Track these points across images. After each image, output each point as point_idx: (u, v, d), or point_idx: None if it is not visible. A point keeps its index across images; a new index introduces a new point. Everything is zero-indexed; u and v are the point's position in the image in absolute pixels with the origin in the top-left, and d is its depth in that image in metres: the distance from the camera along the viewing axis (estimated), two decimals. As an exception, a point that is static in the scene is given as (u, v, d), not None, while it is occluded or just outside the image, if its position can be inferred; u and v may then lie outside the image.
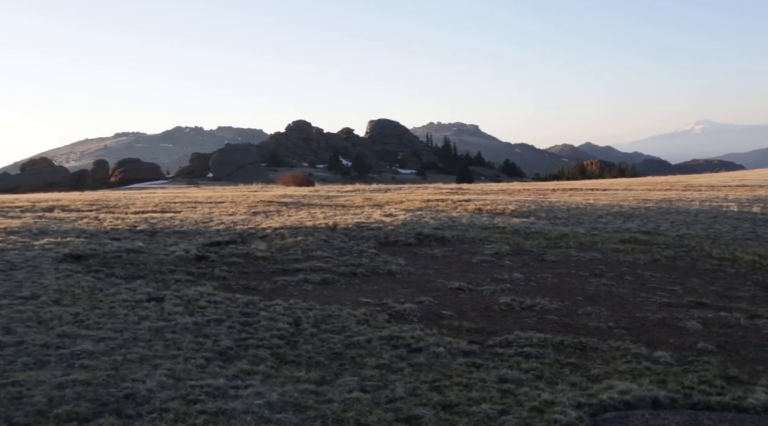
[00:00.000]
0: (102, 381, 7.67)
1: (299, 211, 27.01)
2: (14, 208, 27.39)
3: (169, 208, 28.36)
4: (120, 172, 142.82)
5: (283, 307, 11.91)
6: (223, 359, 8.88)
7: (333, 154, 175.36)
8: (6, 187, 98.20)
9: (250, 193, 39.60)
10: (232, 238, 19.66)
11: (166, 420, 6.59)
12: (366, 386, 7.88)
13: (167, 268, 15.30)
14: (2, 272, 13.81)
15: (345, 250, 18.00)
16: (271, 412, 6.87)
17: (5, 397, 7.06)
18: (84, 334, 9.69)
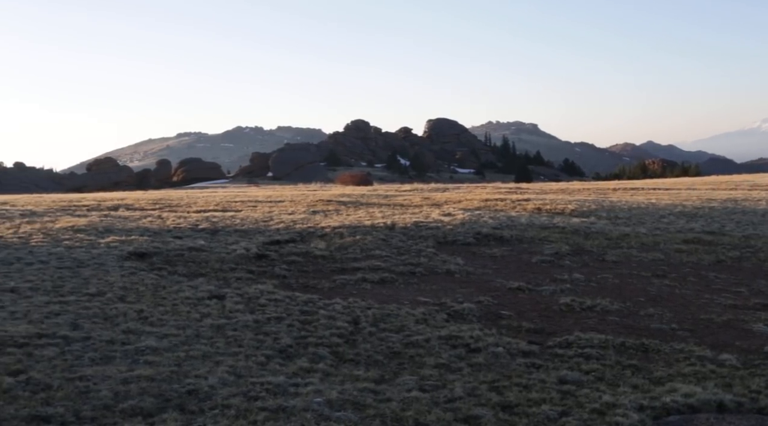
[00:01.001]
0: (165, 377, 7.80)
1: (358, 210, 27.11)
2: (81, 206, 28.06)
3: (230, 207, 28.72)
4: (182, 172, 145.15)
5: (342, 306, 11.98)
6: (283, 357, 8.96)
7: (391, 154, 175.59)
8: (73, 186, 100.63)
9: (309, 193, 39.89)
10: (292, 236, 19.83)
11: (228, 416, 6.67)
12: (425, 385, 7.88)
13: (228, 266, 15.50)
14: (70, 269, 14.16)
15: (403, 250, 18.01)
16: (331, 410, 6.91)
17: (73, 391, 7.23)
18: (148, 330, 9.88)
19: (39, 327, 9.69)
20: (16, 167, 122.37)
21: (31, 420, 6.44)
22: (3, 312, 10.51)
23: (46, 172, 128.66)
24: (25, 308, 10.82)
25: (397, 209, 27.70)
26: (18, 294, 11.87)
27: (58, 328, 9.74)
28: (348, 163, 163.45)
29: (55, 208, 27.18)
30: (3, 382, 7.36)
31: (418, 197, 34.31)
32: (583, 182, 78.63)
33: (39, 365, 8.07)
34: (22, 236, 18.40)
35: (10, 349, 8.62)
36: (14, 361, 8.16)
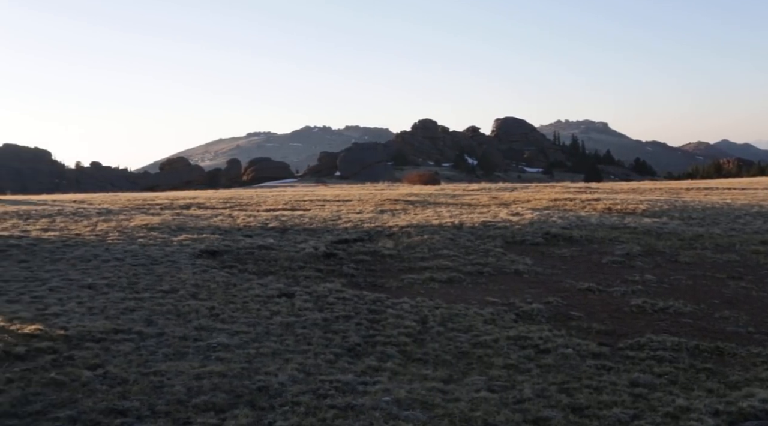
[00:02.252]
0: (237, 373, 7.94)
1: (425, 209, 27.10)
2: (154, 205, 28.70)
3: (299, 206, 29.01)
4: (251, 171, 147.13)
5: (410, 305, 12.00)
6: (351, 355, 9.03)
7: (458, 153, 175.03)
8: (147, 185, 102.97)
9: (377, 192, 40.00)
10: (360, 235, 19.93)
11: (298, 413, 6.75)
12: (493, 386, 7.85)
13: (297, 264, 15.66)
14: (144, 267, 14.50)
15: (471, 249, 17.95)
16: (399, 408, 6.93)
17: (148, 385, 7.41)
18: (219, 327, 10.06)
19: (115, 322, 9.95)
20: (93, 167, 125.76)
21: (109, 413, 6.62)
22: (81, 307, 10.83)
23: (121, 171, 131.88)
24: (102, 304, 11.13)
25: (465, 209, 27.60)
26: (95, 290, 12.21)
27: (134, 323, 9.99)
28: (415, 162, 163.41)
29: (129, 206, 27.85)
30: (82, 375, 7.59)
31: (486, 197, 34.13)
32: (655, 182, 77.13)
33: (115, 360, 8.30)
34: (99, 234, 18.91)
35: (88, 343, 8.88)
36: (92, 355, 8.40)
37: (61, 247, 16.75)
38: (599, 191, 40.80)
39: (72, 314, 10.35)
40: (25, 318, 9.82)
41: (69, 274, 13.48)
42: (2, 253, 15.67)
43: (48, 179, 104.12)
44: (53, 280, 12.85)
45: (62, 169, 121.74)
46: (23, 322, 9.57)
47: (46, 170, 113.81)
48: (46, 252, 15.98)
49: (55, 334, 9.11)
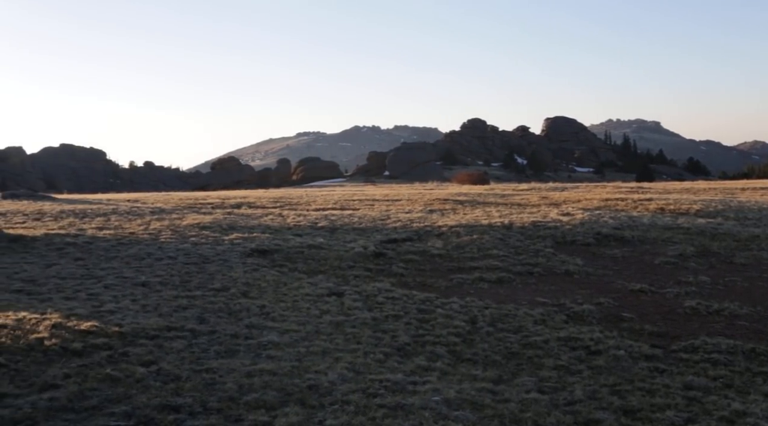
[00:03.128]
0: (287, 371, 8.00)
1: (474, 209, 27.00)
2: (206, 204, 29.07)
3: (348, 205, 29.13)
4: (301, 171, 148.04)
5: (460, 305, 11.97)
6: (401, 355, 9.03)
7: (508, 153, 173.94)
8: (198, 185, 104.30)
9: (426, 191, 39.98)
10: (409, 235, 19.93)
11: (347, 412, 6.78)
12: (544, 387, 7.79)
13: (346, 264, 15.73)
14: (196, 265, 14.70)
15: (521, 249, 17.84)
16: (449, 408, 6.92)
17: (200, 382, 7.51)
18: (270, 325, 10.15)
19: (168, 320, 10.10)
20: (146, 166, 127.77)
21: (162, 409, 6.73)
22: (135, 305, 11.01)
23: (173, 170, 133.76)
24: (156, 302, 11.31)
25: (515, 208, 27.44)
26: (149, 288, 12.41)
27: (186, 321, 10.13)
28: (464, 162, 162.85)
29: (182, 205, 28.26)
30: (136, 372, 7.72)
31: (536, 196, 33.88)
32: (709, 181, 75.70)
33: (169, 357, 8.42)
34: (152, 233, 19.22)
35: (142, 340, 9.02)
36: (146, 352, 8.54)
37: (116, 245, 17.06)
38: (651, 191, 40.23)
39: (126, 311, 10.54)
40: (82, 315, 10.02)
41: (123, 272, 13.72)
42: (60, 251, 16.03)
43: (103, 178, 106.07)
44: (108, 278, 13.10)
45: (116, 168, 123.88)
46: (80, 318, 9.76)
47: (101, 169, 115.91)
48: (102, 250, 16.29)
49: (111, 331, 9.28)
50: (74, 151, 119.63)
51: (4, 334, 8.79)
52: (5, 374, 7.52)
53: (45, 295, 11.56)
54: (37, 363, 7.98)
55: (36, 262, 14.61)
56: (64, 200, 32.08)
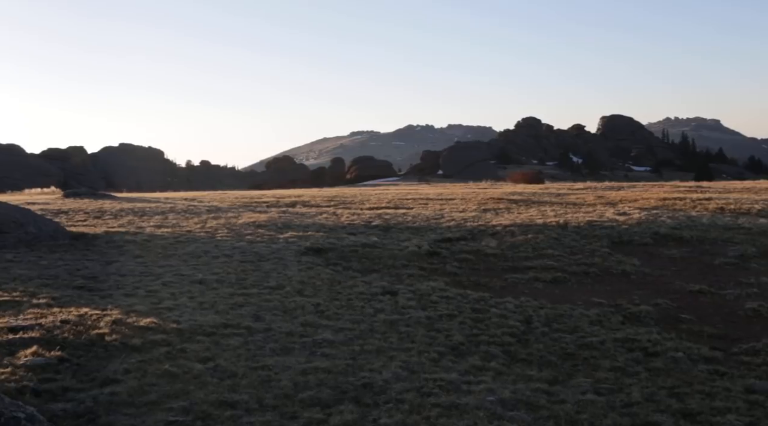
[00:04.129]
0: (341, 369, 8.04)
1: (529, 208, 26.81)
2: (261, 203, 29.38)
3: (402, 204, 29.15)
4: (355, 170, 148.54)
5: (514, 305, 11.91)
6: (455, 354, 9.02)
7: (563, 151, 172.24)
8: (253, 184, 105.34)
9: (480, 190, 39.82)
10: (463, 234, 19.87)
11: (402, 411, 6.79)
12: (600, 389, 7.71)
13: (400, 262, 15.74)
14: (251, 263, 14.86)
15: (576, 249, 17.66)
16: (504, 409, 6.89)
17: (256, 379, 7.59)
18: (324, 324, 10.22)
19: (225, 317, 10.24)
20: (203, 165, 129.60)
21: (219, 405, 6.82)
22: (192, 302, 11.18)
23: (229, 169, 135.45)
24: (212, 299, 11.46)
25: (570, 208, 27.16)
26: (205, 285, 12.58)
27: (242, 319, 10.25)
28: (519, 161, 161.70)
29: (237, 204, 28.60)
30: (194, 368, 7.84)
31: (592, 196, 33.49)
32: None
33: (225, 354, 8.53)
34: (208, 231, 19.49)
35: (200, 337, 9.16)
36: (203, 348, 8.67)
37: (173, 243, 17.34)
38: (711, 190, 39.42)
39: (184, 308, 10.70)
40: (141, 311, 10.21)
41: (181, 270, 13.94)
42: (119, 249, 16.35)
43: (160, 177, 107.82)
44: (166, 275, 13.31)
45: (174, 167, 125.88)
46: (139, 315, 9.95)
47: (159, 168, 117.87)
48: (160, 248, 16.57)
49: (169, 328, 9.43)
50: (133, 151, 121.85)
51: (67, 330, 9.01)
52: (68, 368, 7.70)
53: (105, 291, 11.81)
54: (99, 358, 8.16)
55: (97, 259, 14.93)
56: (123, 198, 32.72)
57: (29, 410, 5.13)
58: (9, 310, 10.04)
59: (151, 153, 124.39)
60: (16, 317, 9.57)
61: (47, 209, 23.96)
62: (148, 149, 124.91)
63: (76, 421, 6.37)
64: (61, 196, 33.65)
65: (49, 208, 24.48)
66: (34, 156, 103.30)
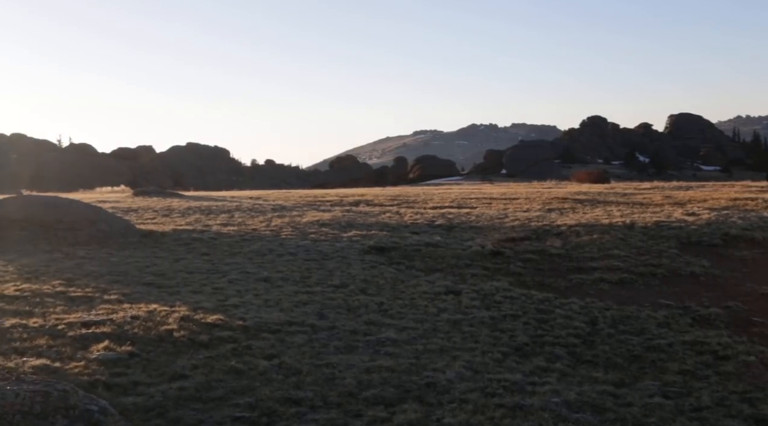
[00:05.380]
0: (405, 369, 8.06)
1: (594, 208, 26.45)
2: (325, 202, 29.59)
3: (465, 203, 29.03)
4: (418, 169, 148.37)
5: (579, 306, 11.78)
6: (519, 355, 8.96)
7: (629, 151, 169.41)
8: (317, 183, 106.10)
9: (544, 190, 39.42)
10: (527, 234, 19.70)
11: (466, 411, 6.78)
12: (668, 392, 7.58)
13: (464, 262, 15.69)
14: (315, 261, 14.98)
15: (643, 250, 17.36)
16: (569, 411, 6.82)
17: (320, 377, 7.66)
18: (388, 322, 10.25)
19: (289, 315, 10.35)
20: (267, 164, 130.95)
21: (284, 402, 6.90)
22: (258, 299, 11.32)
23: (293, 168, 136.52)
24: (277, 297, 11.59)
25: (637, 208, 26.70)
26: (270, 283, 12.73)
27: (306, 316, 10.35)
28: (584, 160, 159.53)
29: (302, 203, 28.85)
30: (259, 365, 7.95)
31: (659, 195, 32.87)
32: None
33: (290, 351, 8.62)
34: (273, 229, 19.72)
35: (265, 334, 9.27)
36: (268, 346, 8.77)
37: (239, 241, 17.59)
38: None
39: (249, 306, 10.84)
40: (208, 308, 10.38)
41: (246, 267, 14.13)
42: (187, 246, 16.65)
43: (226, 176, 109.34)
44: (232, 273, 13.51)
45: (239, 166, 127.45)
46: (206, 312, 10.12)
47: (225, 167, 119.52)
48: (226, 246, 16.82)
49: (235, 325, 9.57)
50: (199, 150, 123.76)
51: (137, 325, 9.21)
52: (138, 363, 7.88)
53: (174, 288, 12.03)
54: (167, 353, 8.33)
55: (165, 257, 15.22)
56: (190, 197, 33.30)
57: (102, 403, 5.25)
58: (82, 305, 10.32)
59: (217, 152, 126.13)
60: (89, 312, 9.84)
61: (118, 207, 24.53)
62: (214, 148, 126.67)
63: (145, 414, 6.51)
64: (131, 195, 34.42)
65: (119, 207, 25.05)
66: (105, 155, 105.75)
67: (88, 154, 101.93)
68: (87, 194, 39.28)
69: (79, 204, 19.43)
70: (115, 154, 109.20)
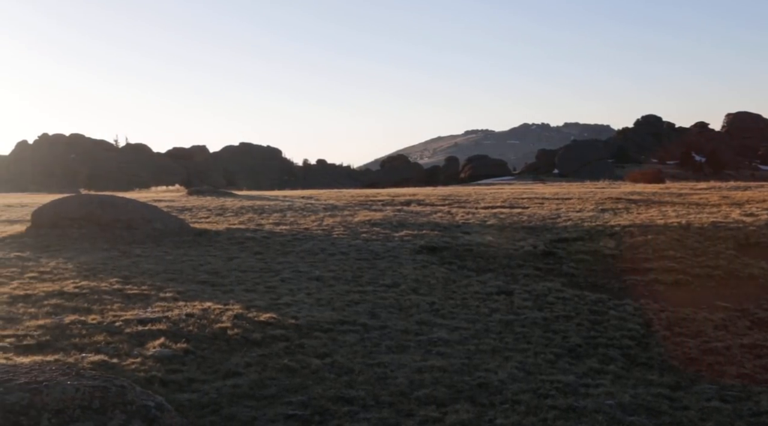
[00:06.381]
0: (457, 369, 8.04)
1: (649, 208, 26.05)
2: (376, 201, 29.65)
3: (517, 203, 28.84)
4: (469, 169, 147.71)
5: (633, 307, 11.63)
6: (572, 356, 8.88)
7: (684, 150, 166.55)
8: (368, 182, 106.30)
9: (597, 190, 38.97)
10: (580, 234, 19.51)
11: (518, 412, 6.74)
12: (726, 396, 7.44)
13: (515, 262, 15.60)
14: (367, 261, 15.02)
15: (699, 251, 17.05)
16: (623, 413, 6.74)
17: (372, 376, 7.69)
18: (439, 322, 10.24)
19: (341, 314, 10.41)
20: (319, 164, 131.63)
21: (337, 400, 6.94)
22: (310, 298, 11.41)
23: (344, 168, 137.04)
24: (329, 296, 11.66)
25: (693, 208, 26.23)
26: (322, 282, 12.81)
27: (358, 316, 10.40)
28: (638, 159, 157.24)
29: (353, 202, 28.94)
30: (311, 363, 8.01)
31: (716, 196, 32.26)
32: None
33: (342, 350, 8.67)
34: (325, 228, 19.82)
35: (317, 333, 9.34)
36: (321, 344, 8.84)
37: (291, 240, 17.72)
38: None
39: (302, 304, 10.93)
40: (260, 306, 10.49)
41: (298, 266, 14.24)
42: (240, 245, 16.84)
43: (278, 176, 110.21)
44: (284, 272, 13.63)
45: (291, 166, 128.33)
46: (259, 310, 10.23)
47: (277, 167, 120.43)
48: (278, 245, 16.97)
49: (287, 323, 9.66)
50: (252, 150, 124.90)
51: (192, 323, 9.35)
52: (193, 360, 8.00)
53: (227, 286, 12.18)
54: (221, 351, 8.44)
55: (219, 255, 15.42)
56: (243, 196, 33.63)
57: (158, 399, 5.35)
58: (138, 303, 10.52)
59: (270, 152, 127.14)
60: (145, 310, 10.02)
61: (172, 206, 24.90)
62: (266, 148, 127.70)
63: (200, 411, 6.61)
64: (185, 194, 34.90)
65: (174, 206, 25.43)
66: (160, 155, 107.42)
67: (144, 154, 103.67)
68: (142, 193, 39.99)
69: (135, 203, 19.78)
70: (169, 153, 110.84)
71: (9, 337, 8.47)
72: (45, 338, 8.52)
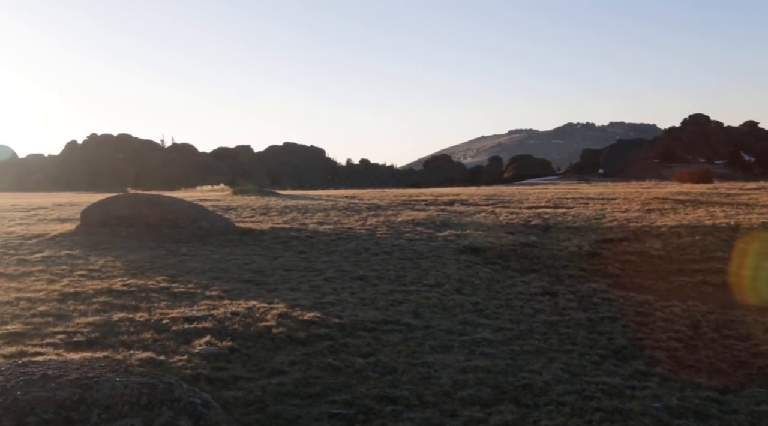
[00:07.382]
0: (501, 369, 8.01)
1: (696, 209, 25.68)
2: (419, 201, 29.63)
3: (561, 203, 28.61)
4: (512, 168, 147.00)
5: (681, 309, 11.46)
6: (617, 358, 8.78)
7: (733, 149, 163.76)
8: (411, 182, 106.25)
9: (643, 190, 38.47)
10: (625, 235, 19.31)
11: (563, 413, 6.69)
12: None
13: (560, 263, 15.48)
14: (411, 261, 15.03)
15: (748, 252, 16.75)
16: (670, 416, 6.66)
17: (416, 376, 7.69)
18: (483, 323, 10.21)
19: (385, 313, 10.42)
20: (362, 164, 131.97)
21: (380, 400, 6.95)
22: (354, 298, 11.45)
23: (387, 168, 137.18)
24: (372, 295, 11.69)
25: (742, 209, 25.79)
26: (366, 282, 12.85)
27: (402, 315, 10.40)
28: (685, 159, 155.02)
29: (396, 202, 28.97)
30: (355, 362, 8.03)
31: (766, 196, 31.66)
32: None
33: (385, 349, 8.68)
34: (369, 228, 19.87)
35: (361, 332, 9.37)
36: (364, 343, 8.86)
37: (335, 239, 17.80)
38: None
39: (345, 304, 10.97)
40: (305, 305, 10.56)
41: (342, 266, 14.29)
42: (285, 244, 16.96)
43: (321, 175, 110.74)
44: (328, 271, 13.69)
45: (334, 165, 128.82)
46: (303, 309, 10.29)
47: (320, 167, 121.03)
48: (322, 244, 17.05)
49: (331, 322, 9.70)
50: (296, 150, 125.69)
51: (237, 321, 9.45)
52: (238, 358, 8.08)
53: (272, 285, 12.28)
54: (266, 349, 8.51)
55: (263, 254, 15.54)
56: (287, 196, 33.86)
57: (204, 396, 5.40)
58: (184, 301, 10.65)
59: (313, 152, 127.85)
60: (191, 308, 10.14)
61: (217, 206, 25.16)
62: (310, 148, 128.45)
63: (246, 409, 6.67)
64: (230, 194, 35.22)
65: (219, 205, 25.69)
66: (205, 154, 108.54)
67: (190, 154, 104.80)
68: (188, 192, 40.45)
69: (181, 202, 20.02)
70: (215, 153, 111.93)
71: (60, 334, 8.64)
72: (94, 335, 8.67)
